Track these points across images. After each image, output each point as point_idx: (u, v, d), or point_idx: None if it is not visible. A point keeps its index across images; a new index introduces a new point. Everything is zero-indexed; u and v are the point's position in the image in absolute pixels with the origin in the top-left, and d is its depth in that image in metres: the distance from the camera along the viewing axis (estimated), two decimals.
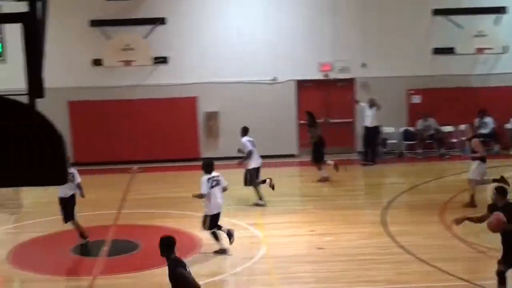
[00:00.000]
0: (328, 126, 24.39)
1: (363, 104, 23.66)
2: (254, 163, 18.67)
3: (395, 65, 24.53)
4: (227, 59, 24.37)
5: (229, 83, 24.50)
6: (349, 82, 25.06)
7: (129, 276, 13.74)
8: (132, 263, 14.65)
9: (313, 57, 24.63)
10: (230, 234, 14.88)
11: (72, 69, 23.87)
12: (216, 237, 14.88)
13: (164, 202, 19.21)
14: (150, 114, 24.42)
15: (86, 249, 15.52)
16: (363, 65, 24.62)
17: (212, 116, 24.80)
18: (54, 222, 17.39)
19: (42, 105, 6.50)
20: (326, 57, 24.65)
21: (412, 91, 24.95)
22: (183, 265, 9.51)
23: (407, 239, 15.18)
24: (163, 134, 24.29)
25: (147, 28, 24.05)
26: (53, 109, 7.92)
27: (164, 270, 12.80)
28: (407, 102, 25.06)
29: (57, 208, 17.36)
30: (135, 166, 23.27)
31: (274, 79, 24.72)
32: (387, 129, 24.29)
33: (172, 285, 9.35)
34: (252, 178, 18.62)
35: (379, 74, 24.47)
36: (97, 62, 23.98)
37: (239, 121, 23.57)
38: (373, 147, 23.79)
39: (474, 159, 17.75)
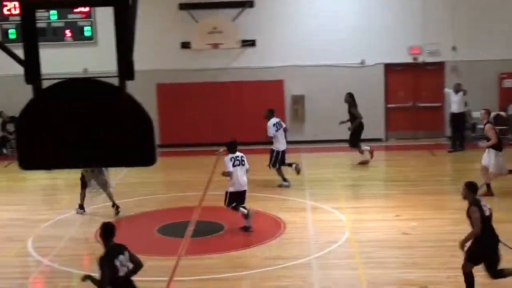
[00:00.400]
0: (416, 110, 24.04)
1: (449, 91, 23.22)
2: (278, 146, 18.97)
3: (487, 48, 23.99)
4: (315, 42, 24.27)
5: (316, 66, 24.40)
6: (439, 65, 24.63)
7: (213, 257, 13.87)
8: (216, 244, 14.78)
9: (402, 40, 24.30)
10: (246, 215, 15.32)
11: (161, 51, 24.17)
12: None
13: (250, 184, 19.29)
14: (236, 97, 24.55)
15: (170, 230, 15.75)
16: (454, 48, 24.16)
17: (298, 100, 24.77)
18: (140, 202, 17.74)
19: (131, 87, 6.59)
20: (415, 39, 24.29)
21: (505, 75, 24.36)
22: (117, 253, 9.66)
23: (497, 226, 14.83)
24: (249, 117, 24.38)
25: (235, 11, 24.14)
26: (142, 91, 8.03)
27: (248, 251, 12.93)
28: (499, 86, 24.49)
29: (144, 188, 17.71)
30: (221, 149, 23.41)
31: (362, 63, 24.50)
32: (477, 114, 23.79)
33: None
34: (276, 161, 18.96)
35: (470, 57, 23.99)
36: (185, 45, 24.22)
37: (325, 105, 23.51)
38: (461, 133, 23.35)
39: (488, 147, 17.28)
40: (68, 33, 24.16)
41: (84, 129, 6.69)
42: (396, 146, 23.56)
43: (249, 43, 24.29)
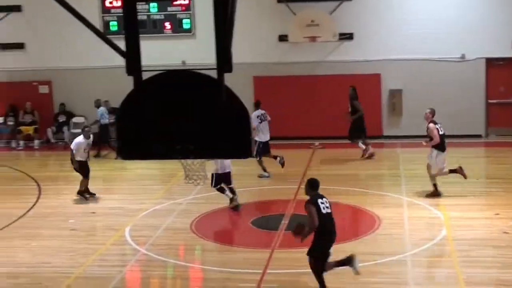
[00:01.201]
0: None
1: None
2: (261, 136, 19.43)
3: None
4: (413, 36, 23.88)
5: (414, 60, 24.01)
6: None
7: (306, 251, 13.81)
8: (310, 238, 14.71)
9: (504, 33, 23.63)
10: (231, 199, 16.66)
11: (258, 44, 24.23)
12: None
13: (345, 178, 19.18)
14: (333, 90, 24.39)
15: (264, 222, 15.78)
16: None
17: (395, 94, 24.43)
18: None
19: (228, 80, 6.61)
20: None
21: None
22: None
23: None
24: (345, 111, 24.20)
25: (333, 4, 23.99)
26: (239, 84, 8.05)
27: (342, 246, 12.82)
28: None
29: (238, 181, 17.79)
30: (317, 142, 23.38)
31: (462, 57, 23.96)
32: None
33: None
34: (257, 151, 19.24)
35: None
36: (282, 38, 24.22)
37: (423, 99, 23.09)
38: None
39: (431, 146, 17.10)
40: (167, 25, 24.49)
41: (181, 121, 6.75)
42: (496, 142, 22.96)
43: (347, 36, 24.10)
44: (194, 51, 23.46)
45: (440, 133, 17.11)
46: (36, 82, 25.46)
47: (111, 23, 24.39)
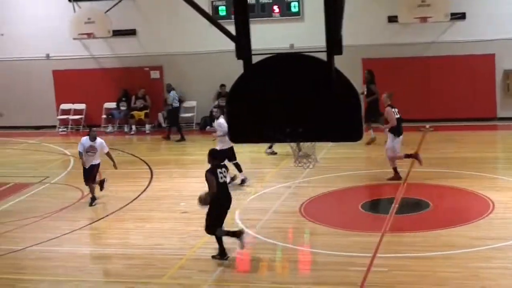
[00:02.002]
0: None
1: None
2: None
3: None
4: None
5: None
6: None
7: (417, 235, 13.63)
8: (421, 222, 14.51)
9: None
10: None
11: (367, 26, 23.95)
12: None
13: (455, 162, 18.80)
14: (444, 71, 23.90)
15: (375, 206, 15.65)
16: None
17: (510, 74, 23.72)
18: (343, 178, 17.73)
19: (337, 62, 6.55)
20: None
21: None
22: None
23: None
24: (457, 92, 23.69)
25: None
26: (347, 66, 7.96)
27: (454, 230, 12.57)
28: None
29: (347, 164, 17.67)
30: (427, 125, 22.96)
31: None
32: None
33: None
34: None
35: None
36: (392, 19, 23.86)
37: None
38: None
39: (387, 129, 17.36)
40: (276, 9, 24.51)
41: (291, 104, 6.74)
42: None
43: (459, 16, 23.52)
44: (302, 34, 23.39)
45: (396, 116, 17.24)
46: (147, 67, 25.97)
47: (220, 7, 24.59)
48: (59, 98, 26.78)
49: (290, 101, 6.70)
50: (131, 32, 25.76)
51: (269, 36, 22.38)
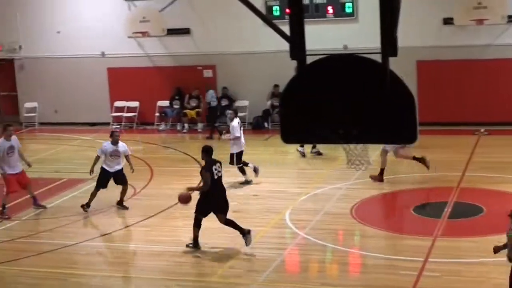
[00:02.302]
0: None
1: None
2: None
3: None
4: None
5: None
6: None
7: (470, 240, 13.47)
8: (474, 227, 14.33)
9: None
10: (255, 170, 18.05)
11: (422, 27, 23.68)
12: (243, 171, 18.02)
13: (511, 167, 18.51)
14: (500, 74, 23.53)
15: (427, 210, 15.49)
16: None
17: None
18: (396, 180, 17.58)
19: (390, 64, 6.49)
20: None
21: None
22: None
23: None
24: None
25: None
26: (402, 68, 7.88)
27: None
28: None
29: (400, 166, 17.54)
30: (482, 128, 22.67)
31: None
32: None
33: None
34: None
35: None
36: (447, 21, 23.57)
37: None
38: None
39: None
40: (330, 9, 24.40)
41: (344, 105, 6.70)
42: None
43: None
44: (356, 35, 23.24)
45: None
46: (200, 66, 26.09)
47: (274, 7, 24.58)
48: (113, 96, 27.06)
49: (343, 103, 6.66)
50: (185, 31, 25.89)
51: (322, 37, 22.27)
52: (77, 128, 26.60)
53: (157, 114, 26.59)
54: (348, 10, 24.37)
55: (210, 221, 15.25)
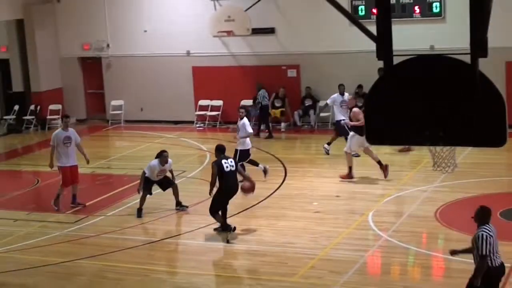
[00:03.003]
0: None
1: None
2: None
3: None
4: None
5: None
6: None
7: None
8: None
9: None
10: (265, 171, 18.54)
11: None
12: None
13: None
14: None
15: None
16: None
17: None
18: (482, 184, 17.20)
19: (480, 65, 6.35)
20: None
21: None
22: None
23: None
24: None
25: None
26: (490, 69, 7.69)
27: None
28: None
29: (487, 170, 17.16)
30: None
31: None
32: None
33: None
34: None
35: None
36: None
37: None
38: None
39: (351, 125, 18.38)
40: (416, 9, 24.05)
41: (432, 107, 6.59)
42: None
43: None
44: (444, 35, 22.84)
45: None
46: (284, 66, 26.08)
47: (359, 7, 24.37)
48: (198, 94, 27.30)
49: (430, 104, 6.55)
50: (270, 31, 25.92)
51: (409, 37, 21.97)
52: (161, 126, 26.93)
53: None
54: (436, 9, 23.96)
55: (294, 221, 15.29)
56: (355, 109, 18.64)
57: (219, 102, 26.95)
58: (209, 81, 26.97)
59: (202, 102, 27.19)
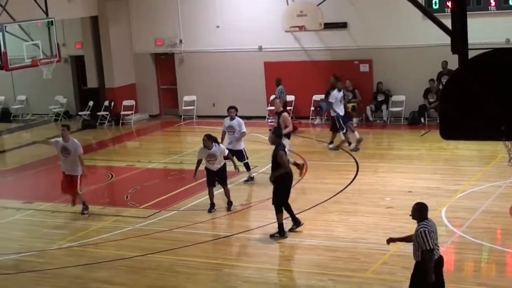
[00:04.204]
0: None
1: None
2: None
3: None
4: None
5: None
6: None
7: None
8: None
9: None
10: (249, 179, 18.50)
11: None
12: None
13: None
14: None
15: None
16: None
17: None
18: None
19: None
20: None
21: None
22: None
23: None
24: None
25: None
26: None
27: None
28: None
29: None
30: None
31: None
32: None
33: None
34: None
35: None
36: None
37: None
38: None
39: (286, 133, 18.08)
40: (492, 1, 23.61)
41: (507, 101, 6.46)
42: None
43: None
44: None
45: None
46: (357, 60, 25.92)
47: (433, 0, 24.02)
48: (269, 89, 27.34)
49: (506, 99, 6.42)
50: (342, 25, 25.78)
51: (484, 30, 21.58)
52: None
53: (312, 108, 26.65)
54: None
55: (366, 216, 15.21)
56: (285, 114, 18.73)
57: (291, 97, 26.93)
58: (281, 76, 26.96)
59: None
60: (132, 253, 14.17)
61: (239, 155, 18.30)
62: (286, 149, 17.34)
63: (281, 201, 14.40)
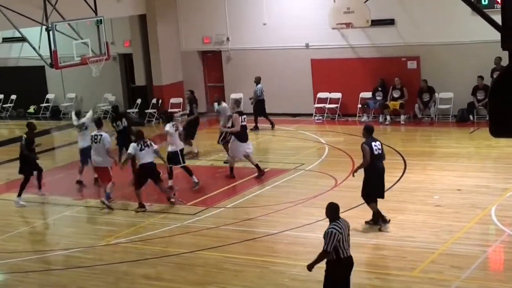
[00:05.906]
0: None
1: None
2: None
3: None
4: None
5: None
6: None
7: None
8: None
9: None
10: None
11: None
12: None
13: None
14: None
15: None
16: None
17: None
18: None
19: None
20: None
21: None
22: None
23: None
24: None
25: None
26: None
27: None
28: None
29: None
30: None
31: None
32: None
33: None
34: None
35: None
36: None
37: None
38: None
39: (230, 132, 18.80)
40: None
41: None
42: None
43: None
44: None
45: (243, 123, 18.73)
46: (404, 57, 25.70)
47: None
48: (316, 87, 27.28)
49: None
50: (390, 22, 25.59)
51: None
52: (279, 118, 27.04)
53: (359, 105, 26.51)
54: None
55: (414, 215, 15.09)
56: (235, 115, 18.84)
57: (338, 95, 26.84)
58: (327, 73, 26.90)
59: (321, 95, 27.15)
60: (180, 249, 14.26)
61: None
62: (240, 149, 18.72)
63: (364, 194, 14.59)
